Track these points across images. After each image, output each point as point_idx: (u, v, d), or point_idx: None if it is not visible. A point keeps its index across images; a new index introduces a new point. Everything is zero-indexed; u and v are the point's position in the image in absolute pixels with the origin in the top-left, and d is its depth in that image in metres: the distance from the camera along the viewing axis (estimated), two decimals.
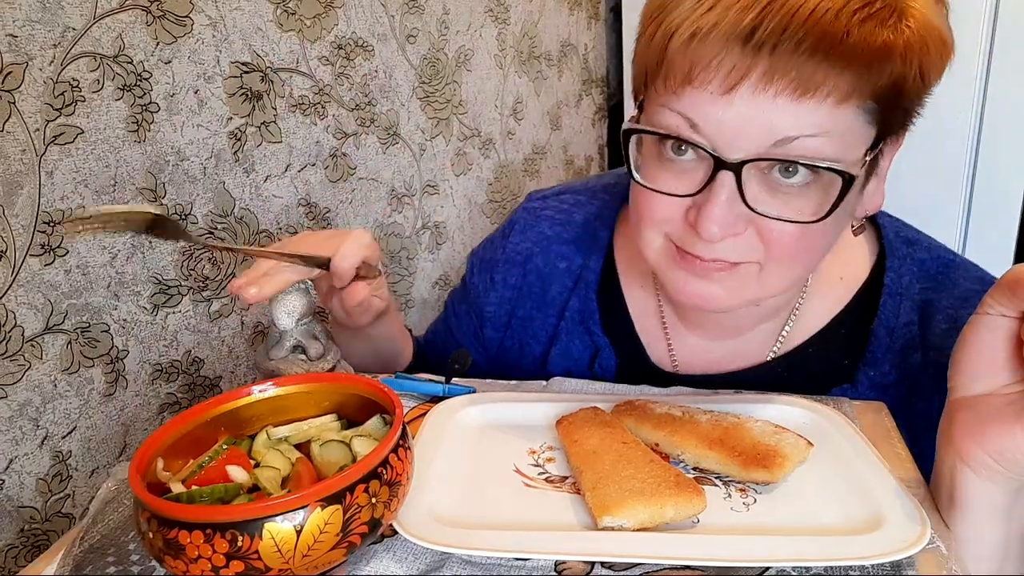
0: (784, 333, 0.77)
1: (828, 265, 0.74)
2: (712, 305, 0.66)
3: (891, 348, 0.73)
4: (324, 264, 0.70)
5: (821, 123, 0.57)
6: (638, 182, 0.65)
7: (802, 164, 0.58)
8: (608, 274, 0.84)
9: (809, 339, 0.76)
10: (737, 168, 0.58)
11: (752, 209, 0.60)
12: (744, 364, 0.78)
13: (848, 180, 0.58)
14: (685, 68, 0.58)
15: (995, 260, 1.77)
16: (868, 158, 0.60)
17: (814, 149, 0.57)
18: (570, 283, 0.85)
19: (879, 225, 0.78)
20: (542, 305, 0.86)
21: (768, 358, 0.77)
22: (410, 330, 0.97)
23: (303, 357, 0.68)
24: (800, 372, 0.76)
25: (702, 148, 0.59)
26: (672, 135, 0.60)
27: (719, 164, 0.59)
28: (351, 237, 0.71)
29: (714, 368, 0.79)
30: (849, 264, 0.77)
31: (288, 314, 0.68)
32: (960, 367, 0.55)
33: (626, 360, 0.82)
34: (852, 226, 0.72)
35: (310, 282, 0.70)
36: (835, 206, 0.59)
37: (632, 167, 0.65)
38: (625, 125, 0.65)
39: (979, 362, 0.54)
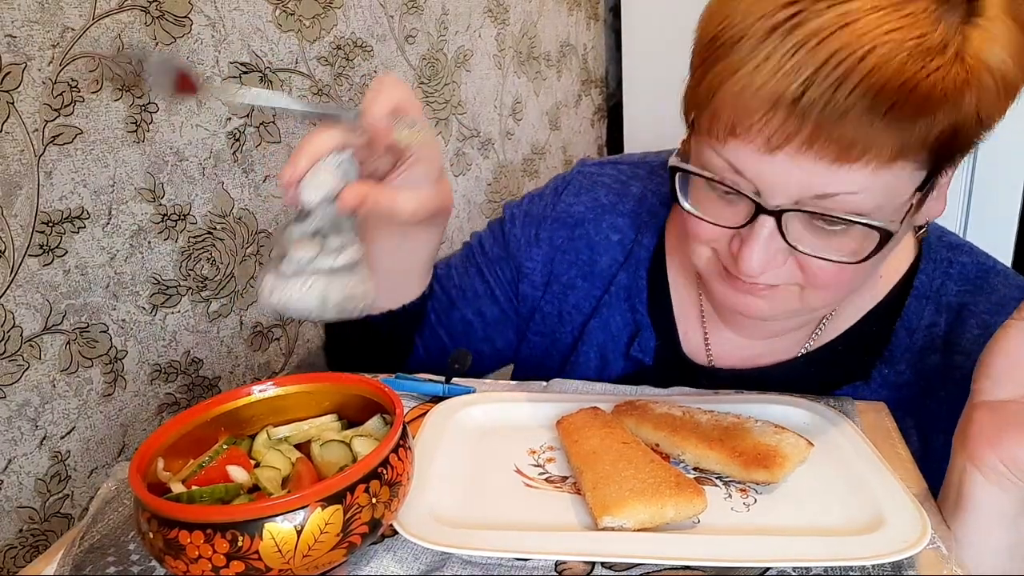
0: (819, 331, 0.77)
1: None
2: (754, 314, 0.68)
3: (910, 348, 0.73)
4: (354, 118, 0.61)
5: (862, 183, 0.57)
6: (686, 210, 0.66)
7: (839, 219, 0.59)
8: (658, 256, 0.83)
9: (839, 336, 0.77)
10: (777, 215, 0.60)
11: (793, 247, 0.61)
12: (775, 360, 0.79)
13: (886, 236, 0.59)
14: (731, 121, 0.58)
15: None
16: (916, 197, 0.60)
17: (854, 204, 0.58)
18: (620, 257, 0.83)
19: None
20: (588, 275, 0.84)
21: (799, 354, 0.78)
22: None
23: (315, 251, 0.57)
24: (825, 368, 0.76)
25: (744, 194, 0.60)
26: (716, 179, 0.62)
27: (760, 209, 0.60)
28: (380, 79, 0.62)
29: (747, 363, 0.79)
30: (890, 264, 0.76)
31: (315, 188, 0.58)
32: (987, 370, 0.55)
33: (663, 346, 0.82)
34: (915, 234, 0.74)
35: (353, 161, 0.60)
36: (872, 255, 0.60)
37: (679, 194, 0.66)
38: (672, 161, 0.65)
39: (1007, 367, 0.54)
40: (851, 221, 0.58)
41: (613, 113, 2.38)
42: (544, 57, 1.92)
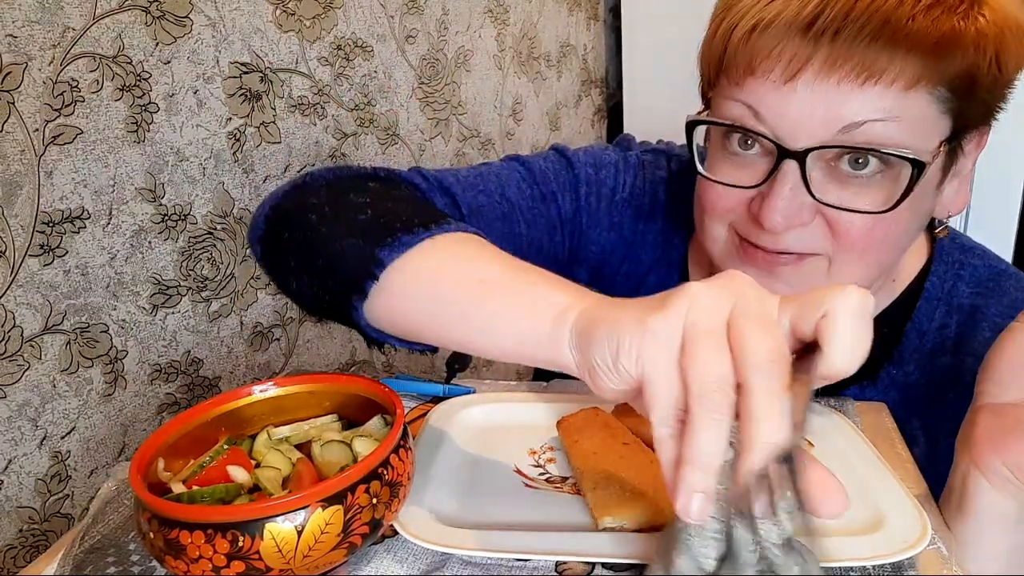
0: None
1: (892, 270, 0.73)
2: None
3: (920, 349, 0.73)
4: None
5: (889, 108, 0.55)
6: (701, 174, 0.64)
7: (869, 150, 0.57)
8: (684, 260, 0.82)
9: None
10: (801, 157, 0.57)
11: (818, 199, 0.58)
12: None
13: (919, 167, 0.56)
14: (747, 59, 0.57)
15: None
16: (944, 149, 0.59)
17: (883, 135, 0.56)
18: (654, 254, 0.81)
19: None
20: (632, 275, 0.80)
21: None
22: None
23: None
24: None
25: (765, 137, 0.59)
26: (736, 125, 0.60)
27: (783, 153, 0.58)
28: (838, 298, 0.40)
29: None
30: (904, 267, 0.75)
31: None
32: (991, 373, 0.54)
33: None
34: (934, 229, 0.71)
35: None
36: (905, 195, 0.57)
37: (696, 158, 0.64)
38: (689, 116, 0.64)
39: (1011, 370, 0.52)
40: (880, 152, 0.56)
41: (613, 113, 2.38)
42: (544, 57, 1.92)
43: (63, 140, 0.82)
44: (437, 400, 0.71)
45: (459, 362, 0.77)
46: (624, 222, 0.81)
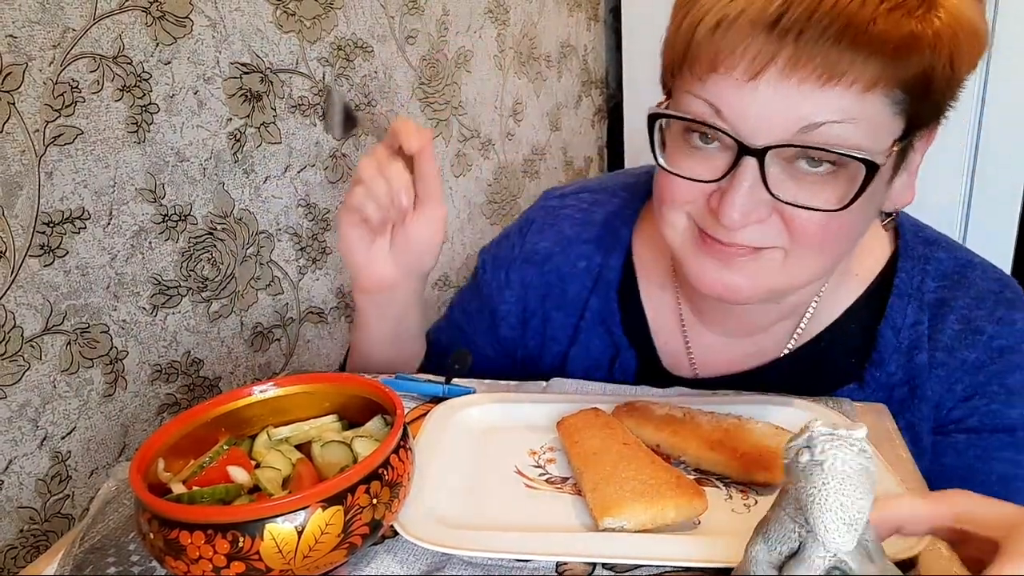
0: (800, 329, 0.77)
1: (846, 261, 0.74)
2: (734, 296, 0.66)
3: (898, 349, 0.73)
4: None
5: (847, 109, 0.56)
6: (662, 166, 0.65)
7: (826, 151, 0.58)
8: (628, 273, 0.83)
9: (820, 333, 0.76)
10: (761, 154, 0.58)
11: (775, 196, 0.59)
12: (759, 362, 0.78)
13: (872, 168, 0.58)
14: (711, 55, 0.58)
15: (994, 260, 1.76)
16: (896, 149, 0.60)
17: (839, 136, 0.57)
18: (589, 283, 0.84)
19: (898, 224, 0.77)
20: (561, 305, 0.85)
21: (783, 354, 0.77)
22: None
23: None
24: (811, 369, 0.76)
25: (726, 134, 0.59)
26: (697, 120, 0.61)
27: (743, 150, 0.59)
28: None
29: (732, 368, 0.79)
30: (865, 260, 0.76)
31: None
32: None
33: (645, 362, 0.82)
34: (881, 221, 0.71)
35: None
36: (858, 195, 0.58)
37: (656, 151, 0.65)
38: (651, 109, 0.65)
39: None
40: (836, 152, 0.57)
41: (613, 114, 2.38)
42: (544, 58, 1.92)
43: (63, 141, 0.82)
44: (437, 400, 0.71)
45: (459, 362, 0.77)
46: (524, 275, 0.86)
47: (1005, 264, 1.79)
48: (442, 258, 1.57)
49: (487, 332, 0.90)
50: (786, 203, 0.60)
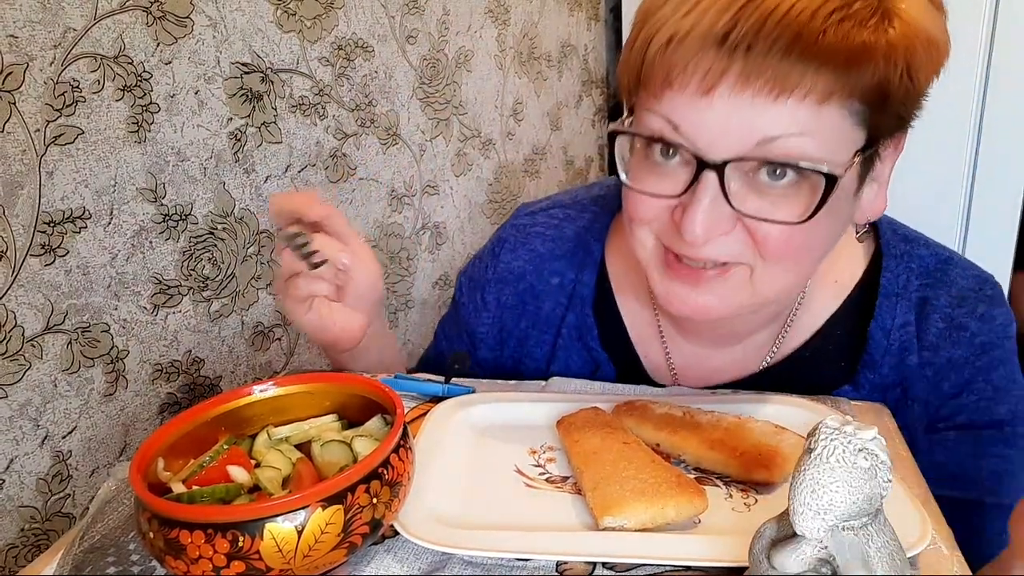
0: (781, 339, 0.77)
1: (823, 269, 0.74)
2: (704, 315, 0.66)
3: (889, 350, 0.73)
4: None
5: (803, 122, 0.56)
6: (625, 183, 0.65)
7: (784, 164, 0.58)
8: (602, 287, 0.83)
9: (804, 343, 0.76)
10: (720, 168, 0.58)
11: (736, 210, 0.59)
12: (742, 372, 0.78)
13: (832, 180, 0.58)
14: (664, 72, 0.58)
15: (995, 260, 1.76)
16: (857, 160, 0.60)
17: (798, 149, 0.57)
18: (564, 299, 0.84)
19: (875, 225, 0.77)
20: (537, 323, 0.85)
21: (764, 365, 0.77)
22: None
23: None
24: (797, 377, 0.76)
25: (685, 148, 0.59)
26: (655, 137, 0.61)
27: (702, 164, 0.59)
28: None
29: (713, 378, 0.79)
30: (844, 267, 0.76)
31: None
32: None
33: (625, 374, 0.82)
34: (856, 232, 0.71)
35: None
36: (819, 207, 0.58)
37: (620, 168, 0.65)
38: (611, 127, 0.65)
39: None
40: (794, 165, 0.57)
41: (614, 114, 2.38)
42: (545, 58, 1.92)
43: (64, 140, 0.82)
44: (437, 400, 0.71)
45: (459, 362, 0.77)
46: (499, 296, 0.87)
47: (1005, 264, 1.79)
48: (442, 257, 1.57)
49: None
50: (748, 216, 0.60)
